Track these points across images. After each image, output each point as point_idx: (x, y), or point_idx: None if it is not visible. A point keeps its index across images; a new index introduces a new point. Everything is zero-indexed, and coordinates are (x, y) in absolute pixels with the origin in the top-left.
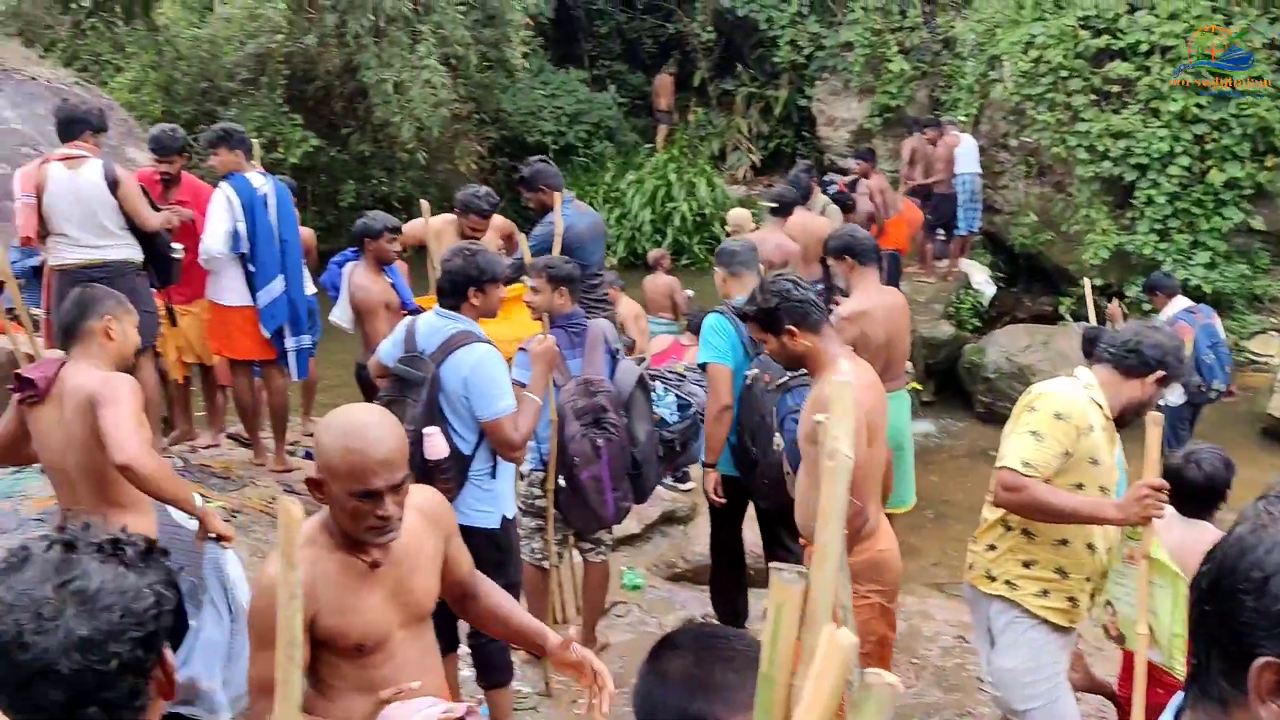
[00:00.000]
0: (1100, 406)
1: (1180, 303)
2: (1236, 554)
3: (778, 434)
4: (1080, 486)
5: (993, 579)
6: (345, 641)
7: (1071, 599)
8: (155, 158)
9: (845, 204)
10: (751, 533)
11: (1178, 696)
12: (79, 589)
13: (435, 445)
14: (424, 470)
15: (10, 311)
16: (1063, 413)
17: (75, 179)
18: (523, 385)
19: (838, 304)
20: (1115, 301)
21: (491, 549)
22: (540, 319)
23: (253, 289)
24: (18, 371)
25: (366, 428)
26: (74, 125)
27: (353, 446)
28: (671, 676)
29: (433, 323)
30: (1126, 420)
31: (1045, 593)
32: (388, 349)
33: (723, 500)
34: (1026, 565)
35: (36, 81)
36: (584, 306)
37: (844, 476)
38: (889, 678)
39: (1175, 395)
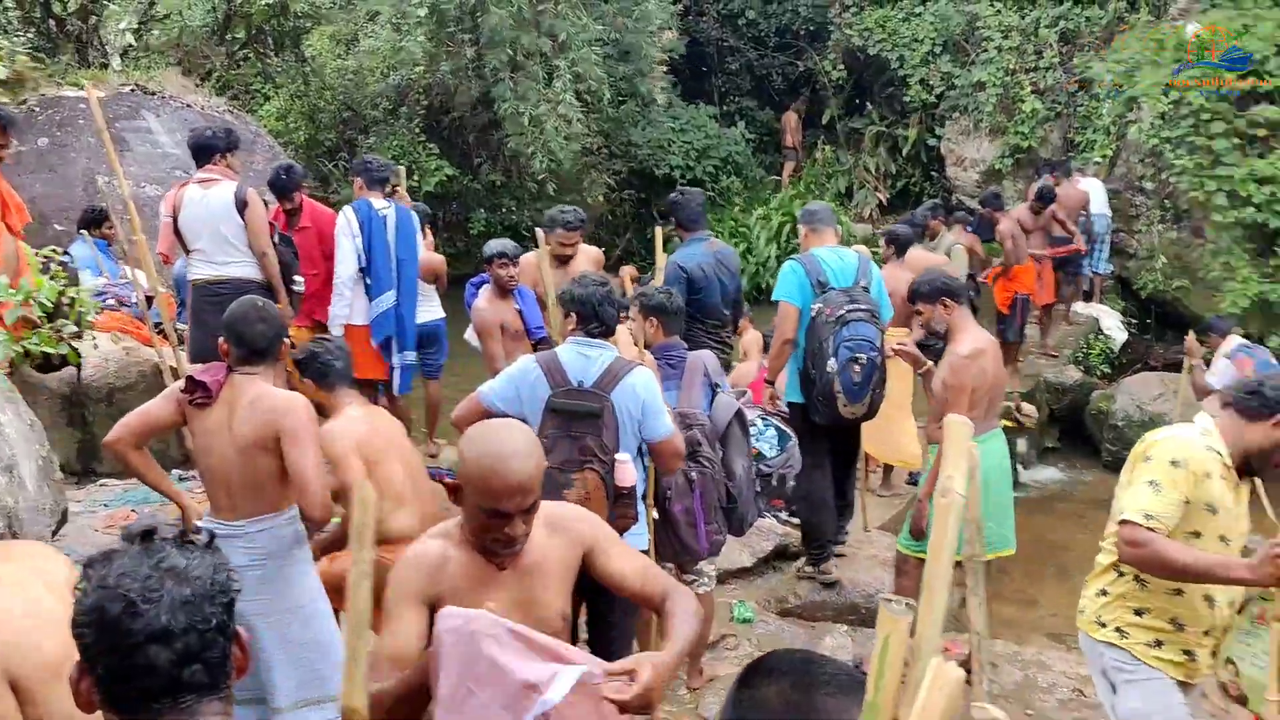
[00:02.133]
0: (1219, 454)
1: (1236, 339)
2: None
3: (832, 359)
4: (1197, 535)
5: (1103, 625)
6: None
7: (1188, 652)
8: (278, 200)
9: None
10: None
11: None
12: (171, 565)
13: (627, 472)
14: (615, 499)
15: (158, 326)
16: (1179, 459)
17: (207, 198)
18: None
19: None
20: (1190, 335)
21: None
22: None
23: (369, 296)
24: (190, 375)
25: (508, 451)
26: (204, 151)
27: (492, 467)
28: (770, 704)
29: (581, 353)
30: (1255, 469)
31: (1159, 643)
32: (501, 391)
33: (785, 414)
34: (1138, 613)
35: (191, 108)
36: (709, 343)
37: (957, 513)
38: (995, 712)
39: None
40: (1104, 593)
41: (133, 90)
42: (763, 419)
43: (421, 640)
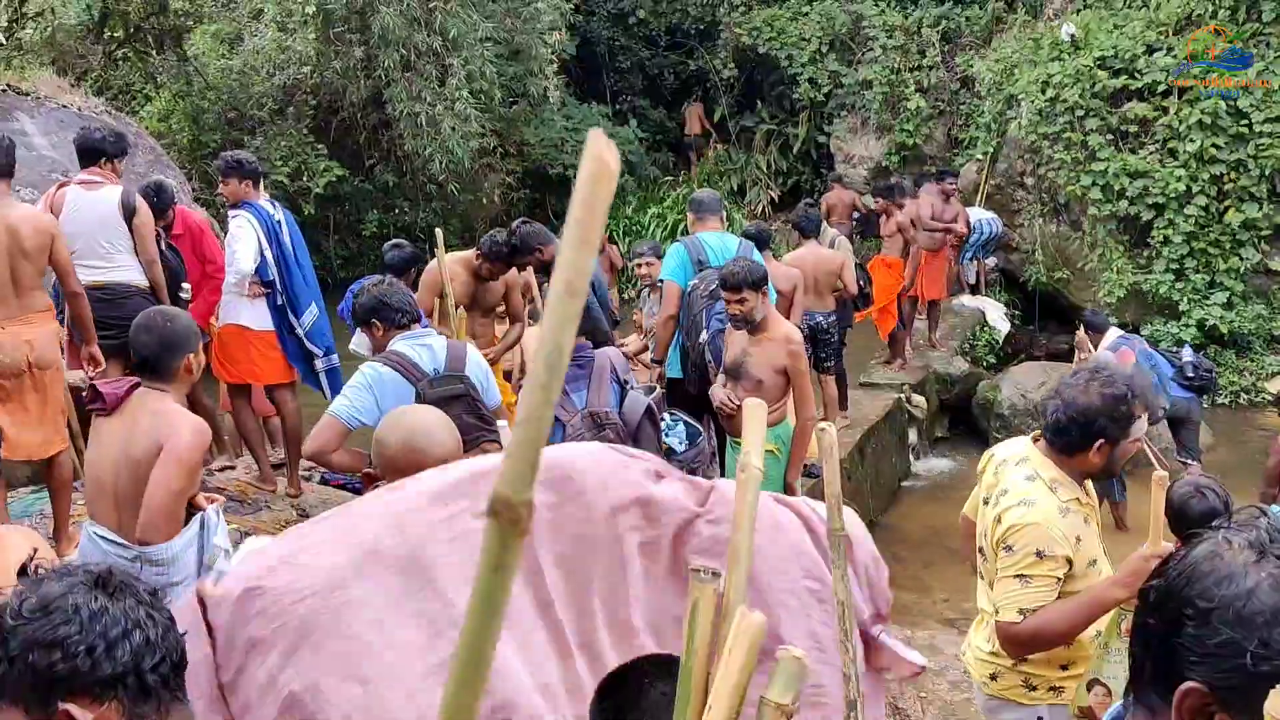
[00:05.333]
0: (1077, 499)
1: (1115, 332)
2: (1187, 578)
3: (705, 330)
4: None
5: (1033, 689)
6: None
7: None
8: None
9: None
10: None
11: (1115, 706)
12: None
13: (509, 436)
14: None
15: None
16: (1044, 550)
17: (90, 201)
18: None
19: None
20: (1080, 329)
21: None
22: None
23: (293, 314)
24: (94, 382)
25: (430, 428)
26: (92, 153)
27: (416, 445)
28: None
29: (419, 346)
30: (1101, 479)
31: (1088, 685)
32: (359, 404)
33: (664, 389)
34: (1064, 668)
35: (68, 110)
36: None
37: (755, 486)
38: (796, 651)
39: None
40: (1025, 659)
41: (4, 91)
42: (670, 415)
43: None
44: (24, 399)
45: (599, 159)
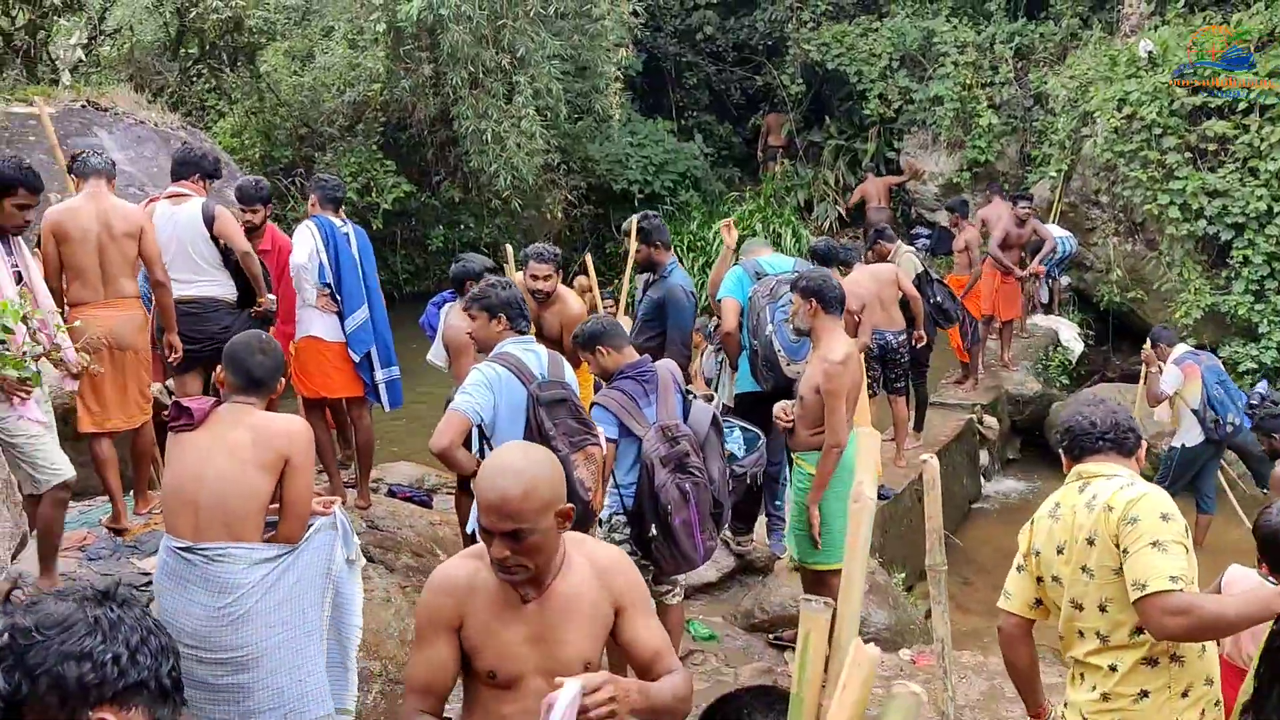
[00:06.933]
0: None
1: (1182, 347)
2: None
3: (769, 324)
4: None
5: None
6: (480, 661)
7: (1217, 702)
8: (240, 206)
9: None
10: None
11: None
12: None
13: (603, 443)
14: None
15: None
16: (1168, 511)
17: (176, 215)
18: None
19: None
20: (1148, 344)
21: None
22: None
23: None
24: (177, 400)
25: (500, 469)
26: (186, 166)
27: (482, 482)
28: None
29: (528, 351)
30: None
31: (1203, 712)
32: (482, 400)
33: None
34: (1185, 695)
35: (144, 125)
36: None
37: (869, 517)
38: (914, 687)
39: (1192, 435)
40: (1144, 694)
41: (84, 106)
42: (725, 421)
43: (455, 669)
44: (103, 378)
45: None
